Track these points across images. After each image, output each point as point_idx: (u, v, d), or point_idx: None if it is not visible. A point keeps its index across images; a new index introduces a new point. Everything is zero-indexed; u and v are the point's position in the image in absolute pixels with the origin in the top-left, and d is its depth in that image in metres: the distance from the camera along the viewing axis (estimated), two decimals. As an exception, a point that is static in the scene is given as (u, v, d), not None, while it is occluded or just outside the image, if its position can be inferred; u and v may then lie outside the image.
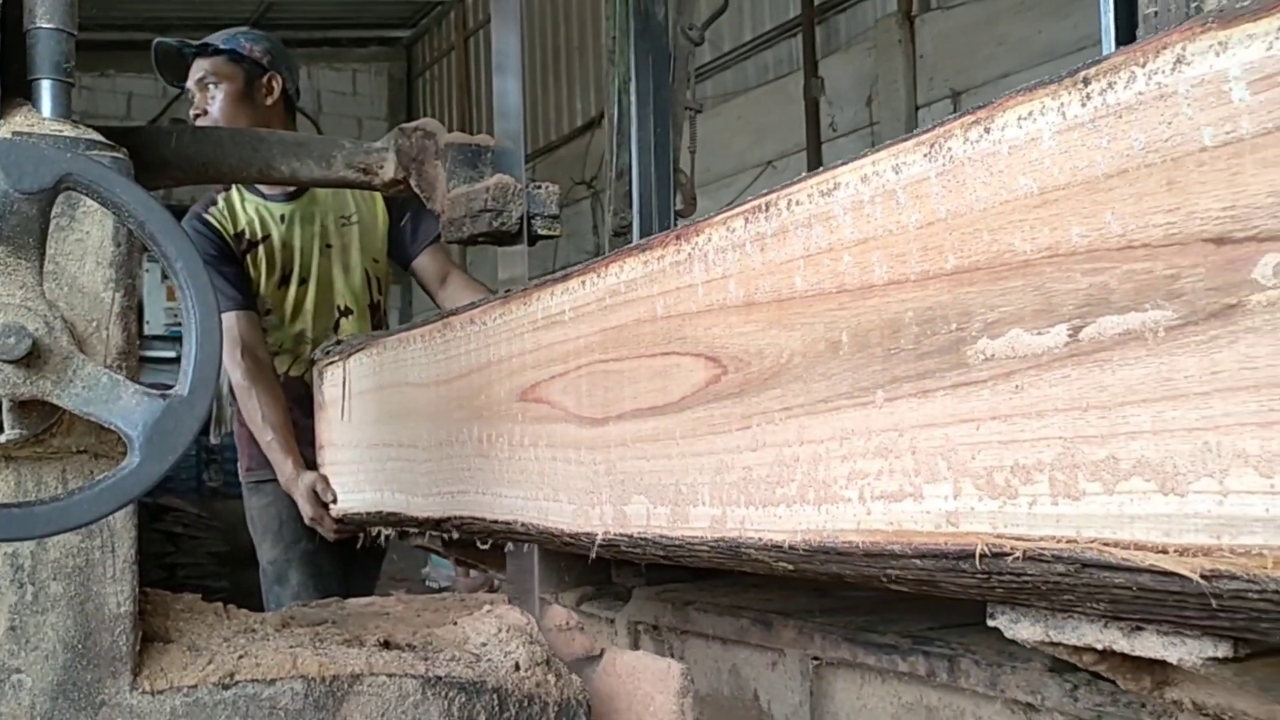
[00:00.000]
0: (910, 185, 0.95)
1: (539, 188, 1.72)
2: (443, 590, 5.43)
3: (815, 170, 1.06)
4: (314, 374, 2.52)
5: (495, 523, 1.68)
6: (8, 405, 1.04)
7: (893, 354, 0.97)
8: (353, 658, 1.23)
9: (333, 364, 2.36)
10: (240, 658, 1.19)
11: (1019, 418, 0.86)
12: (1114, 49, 1.01)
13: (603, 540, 1.39)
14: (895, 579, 1.03)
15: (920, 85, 6.31)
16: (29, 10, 1.19)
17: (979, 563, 0.89)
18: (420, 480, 1.91)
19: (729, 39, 7.65)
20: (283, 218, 2.85)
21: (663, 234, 1.29)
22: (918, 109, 6.27)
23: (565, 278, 1.45)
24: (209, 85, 2.80)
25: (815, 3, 6.92)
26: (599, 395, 1.39)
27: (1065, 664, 1.10)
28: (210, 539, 6.72)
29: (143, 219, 1.02)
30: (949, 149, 0.91)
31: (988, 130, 0.88)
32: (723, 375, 1.18)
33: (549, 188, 1.74)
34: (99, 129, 1.22)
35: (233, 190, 2.85)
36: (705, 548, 1.22)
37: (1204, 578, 0.74)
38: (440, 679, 1.23)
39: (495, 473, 1.65)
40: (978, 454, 0.89)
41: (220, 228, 2.79)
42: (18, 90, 1.20)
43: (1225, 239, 0.72)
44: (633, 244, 1.35)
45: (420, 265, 2.99)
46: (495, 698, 1.24)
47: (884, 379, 0.98)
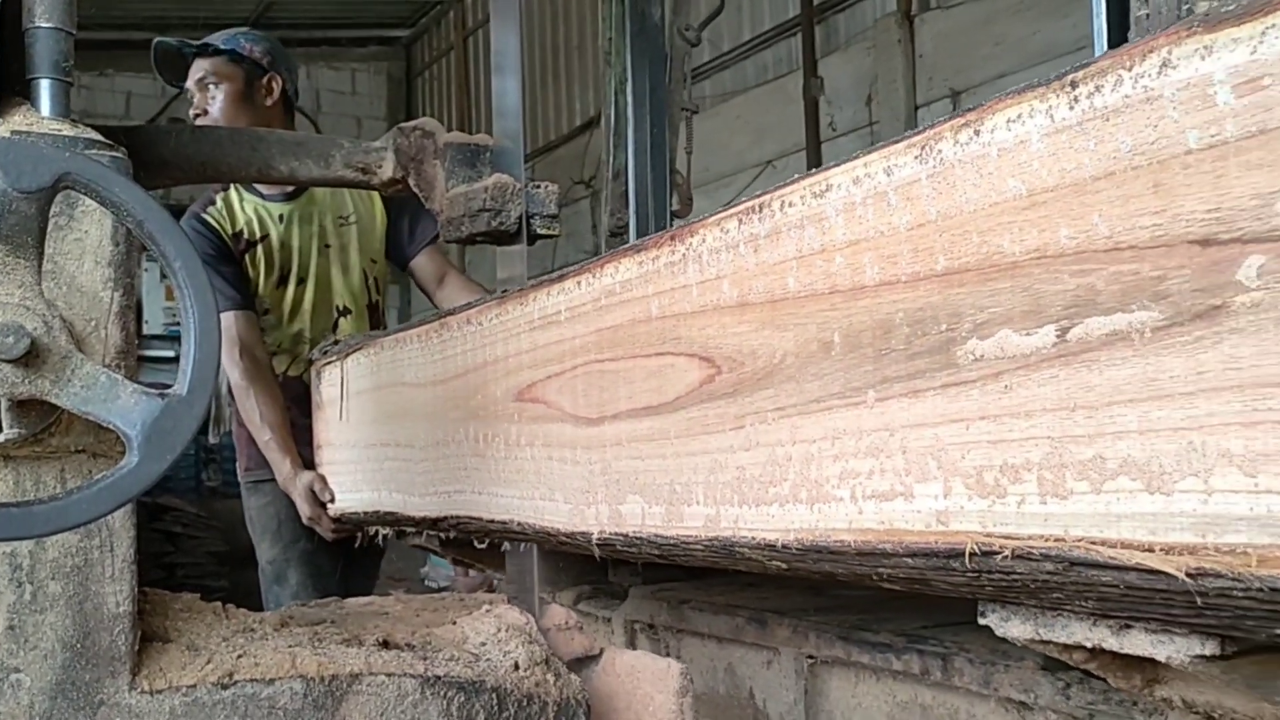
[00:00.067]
0: (901, 187, 0.96)
1: (538, 187, 1.72)
2: (442, 590, 5.43)
3: (808, 172, 1.07)
4: (312, 374, 2.53)
5: (491, 522, 1.68)
6: (6, 405, 1.03)
7: (884, 354, 0.98)
8: (351, 657, 1.22)
9: (330, 364, 2.37)
10: (239, 657, 1.19)
11: (1008, 417, 0.87)
12: (1106, 50, 1.01)
13: (598, 539, 1.40)
14: (887, 578, 1.04)
15: (919, 85, 6.31)
16: (28, 9, 1.19)
17: (969, 561, 0.89)
18: (417, 480, 1.91)
19: (728, 38, 7.66)
20: (281, 217, 2.85)
21: (657, 235, 1.30)
22: (917, 109, 6.28)
23: (561, 278, 1.46)
24: (209, 85, 2.80)
25: (814, 2, 6.92)
26: (594, 395, 1.40)
27: (1058, 662, 1.11)
28: (209, 538, 6.72)
29: (141, 218, 1.02)
30: (939, 151, 0.92)
31: (977, 133, 0.89)
32: (717, 375, 1.19)
33: (548, 187, 1.73)
34: (98, 128, 1.22)
35: (231, 190, 2.85)
36: (700, 547, 1.23)
37: (1189, 576, 0.74)
38: (439, 678, 1.23)
39: (491, 472, 1.66)
40: (967, 453, 0.90)
41: (218, 227, 2.79)
42: (16, 89, 1.20)
43: (1210, 241, 0.73)
44: (628, 245, 1.36)
45: (418, 266, 2.99)
46: (494, 697, 1.24)
47: (875, 379, 0.99)
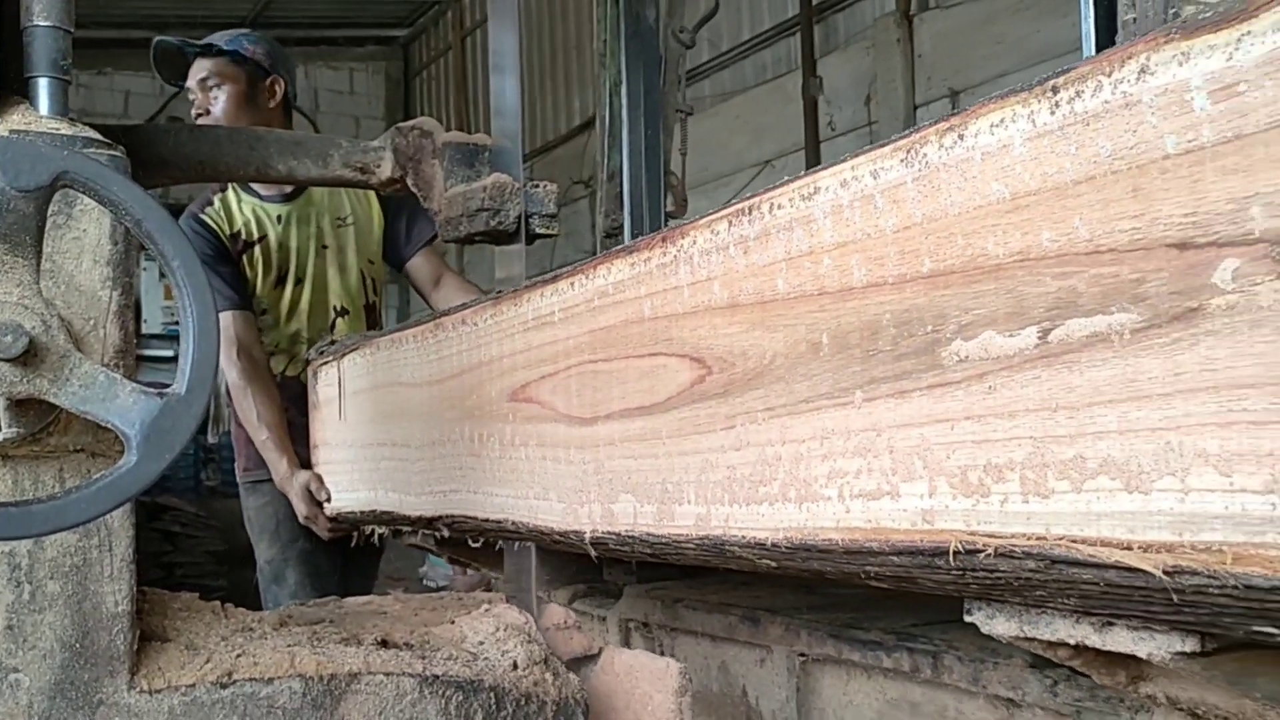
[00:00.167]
0: (888, 190, 0.97)
1: (536, 186, 1.72)
2: (440, 589, 5.43)
3: (796, 174, 1.08)
4: (308, 374, 2.54)
5: (486, 521, 1.70)
6: (4, 404, 1.04)
7: (871, 355, 0.99)
8: (350, 656, 1.22)
9: (327, 364, 2.38)
10: (238, 656, 1.19)
11: (991, 418, 0.88)
12: (1095, 53, 1.03)
13: (591, 538, 1.41)
14: (874, 576, 1.05)
15: (918, 84, 6.33)
16: (26, 8, 1.18)
17: (953, 559, 0.91)
18: (413, 479, 1.92)
19: (727, 38, 7.67)
20: (279, 218, 2.86)
21: (649, 236, 1.31)
22: (916, 108, 6.29)
23: (555, 279, 1.47)
24: (211, 85, 2.80)
25: (814, 2, 6.93)
26: (588, 395, 1.41)
27: (1046, 660, 1.12)
28: (208, 538, 6.72)
29: (140, 217, 1.01)
30: (924, 155, 0.93)
31: (961, 137, 0.90)
32: (708, 376, 1.20)
33: (547, 186, 1.73)
34: (96, 127, 1.21)
35: (229, 191, 2.86)
36: (691, 545, 1.24)
37: (1166, 573, 0.76)
38: (438, 678, 1.22)
39: (486, 472, 1.67)
40: (952, 453, 0.91)
41: (216, 228, 2.80)
42: (15, 88, 1.20)
43: (1187, 244, 0.74)
44: (620, 246, 1.37)
45: (414, 267, 3.00)
46: (492, 696, 1.24)
47: (863, 380, 1.00)
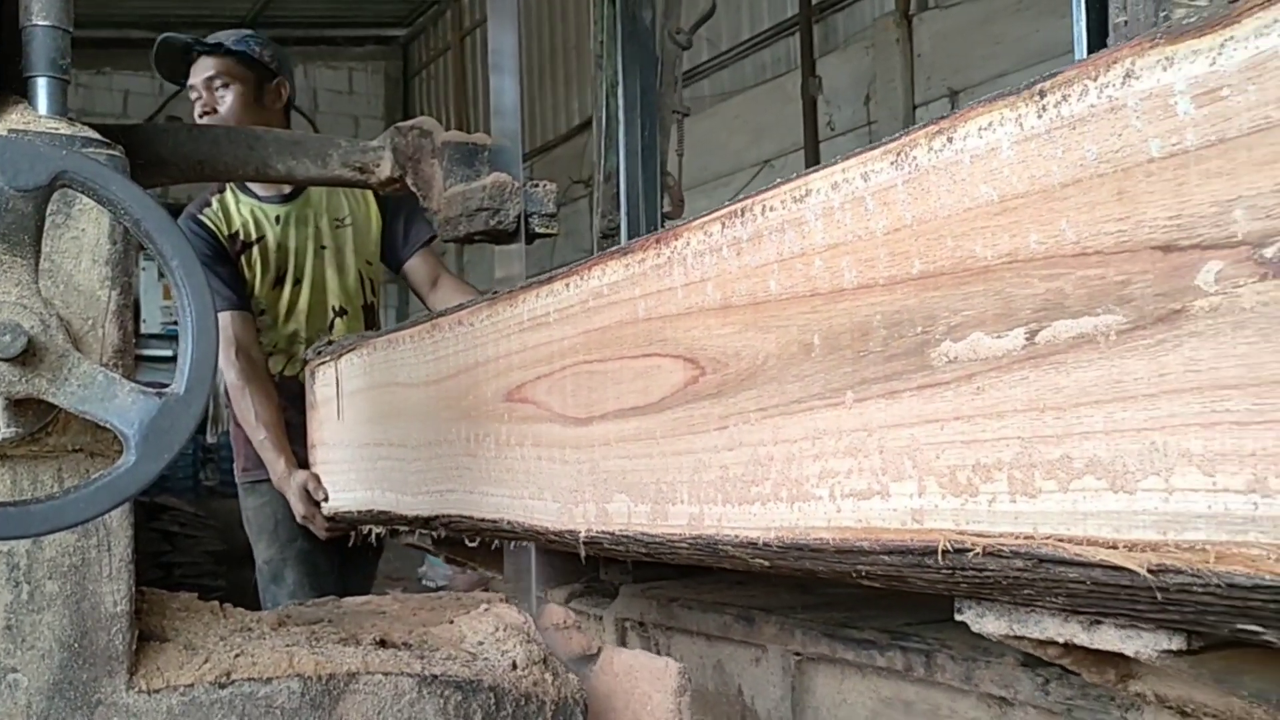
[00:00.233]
0: (878, 192, 0.98)
1: (536, 186, 1.72)
2: (439, 589, 5.44)
3: (788, 177, 1.09)
4: (306, 374, 2.54)
5: (482, 521, 1.71)
6: (3, 403, 1.03)
7: (862, 356, 1.00)
8: (349, 656, 1.22)
9: (324, 364, 2.39)
10: (237, 656, 1.18)
11: (980, 418, 0.89)
12: (1086, 56, 1.04)
13: (585, 538, 1.42)
14: (866, 575, 1.06)
15: (918, 84, 6.34)
16: (25, 7, 1.18)
17: (942, 558, 0.91)
18: (410, 479, 1.93)
19: (727, 38, 7.68)
20: (278, 219, 2.86)
21: (644, 238, 1.32)
22: (915, 108, 6.31)
23: (550, 280, 1.48)
24: (219, 85, 2.80)
25: (813, 2, 6.94)
26: (583, 395, 1.42)
27: (1037, 659, 1.13)
28: (207, 538, 6.72)
29: (138, 217, 1.01)
30: (914, 158, 0.94)
31: (950, 140, 0.91)
32: (701, 376, 1.21)
33: (546, 186, 1.73)
34: (95, 126, 1.21)
35: (227, 192, 2.86)
36: (684, 545, 1.25)
37: (1151, 572, 0.77)
38: (436, 677, 1.22)
39: (483, 472, 1.68)
40: (941, 453, 0.92)
41: (214, 228, 2.81)
42: (14, 88, 1.20)
43: (1171, 247, 0.75)
44: (615, 247, 1.38)
45: (411, 268, 3.01)
46: (491, 696, 1.24)
47: (854, 380, 1.01)
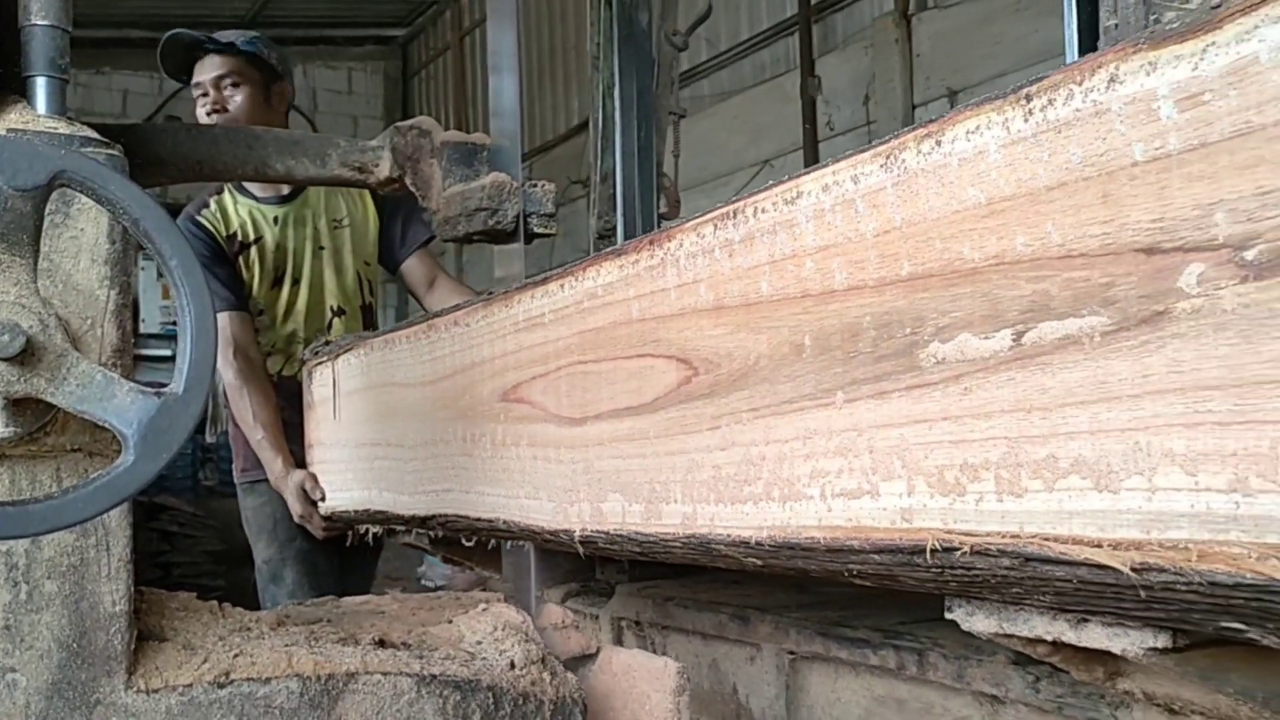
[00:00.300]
0: (868, 195, 0.99)
1: (535, 186, 1.73)
2: (438, 589, 5.44)
3: (780, 179, 1.10)
4: (304, 374, 2.55)
5: (478, 520, 1.71)
6: (1, 403, 1.04)
7: (852, 357, 1.01)
8: (348, 656, 1.23)
9: (321, 364, 2.39)
10: (235, 656, 1.19)
11: (968, 418, 0.90)
12: (1079, 59, 1.05)
13: (580, 537, 1.43)
14: (857, 573, 1.07)
15: (917, 84, 6.35)
16: (24, 7, 1.19)
17: (930, 557, 0.92)
18: (407, 479, 1.94)
19: (726, 38, 7.69)
20: (276, 220, 2.87)
21: (638, 239, 1.33)
22: (914, 108, 6.32)
23: (545, 281, 1.49)
24: (228, 84, 2.80)
25: (812, 2, 6.95)
26: (578, 396, 1.43)
27: (1028, 657, 1.13)
28: (206, 538, 6.72)
29: (137, 216, 1.01)
30: (903, 160, 0.95)
31: (939, 143, 0.92)
32: (694, 377, 1.22)
33: (545, 186, 1.74)
34: (94, 126, 1.22)
35: (225, 193, 2.87)
36: (677, 544, 1.26)
37: (1134, 570, 0.77)
38: (435, 677, 1.23)
39: (478, 471, 1.69)
40: (930, 453, 0.93)
41: (212, 229, 2.82)
42: (12, 87, 1.20)
43: (1155, 249, 0.76)
44: (609, 249, 1.39)
45: (408, 269, 3.01)
46: (490, 696, 1.24)
47: (844, 381, 1.02)
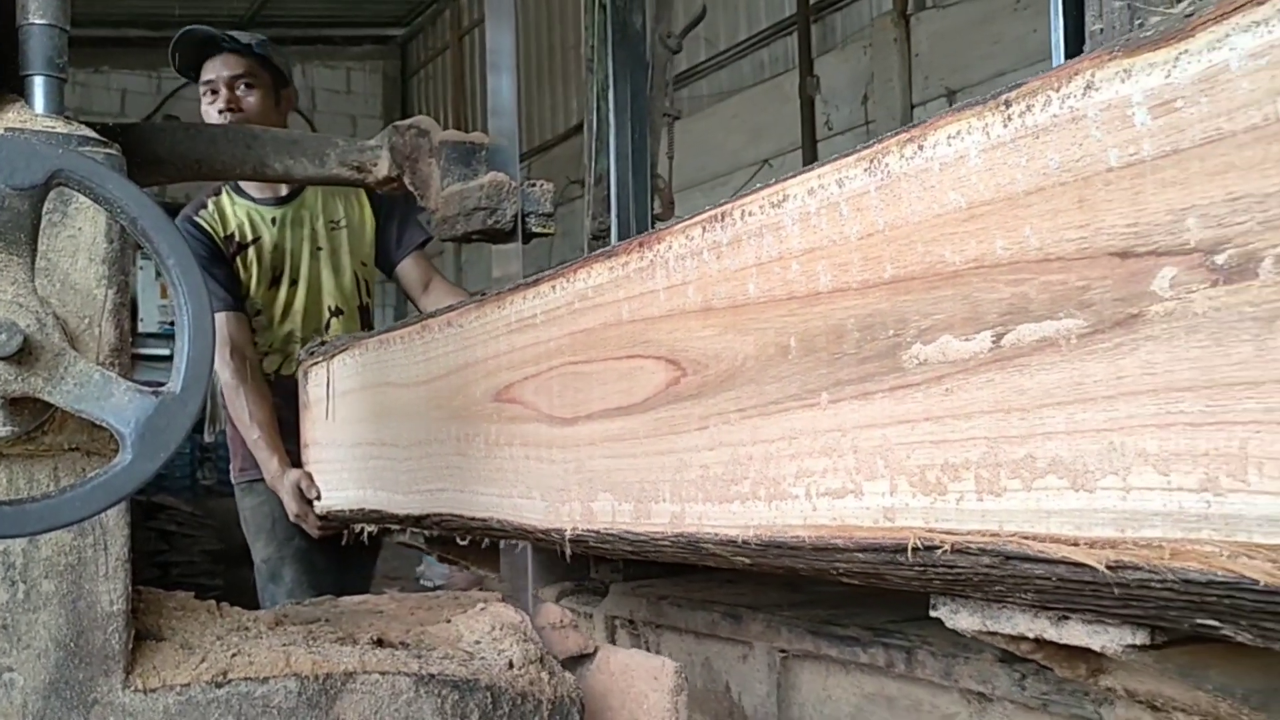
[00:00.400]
0: (852, 198, 1.00)
1: (533, 185, 1.73)
2: (437, 589, 5.45)
3: (766, 183, 1.11)
4: (300, 374, 2.56)
5: (472, 520, 1.73)
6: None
7: (837, 358, 1.02)
8: (346, 656, 1.23)
9: (317, 364, 2.41)
10: (233, 656, 1.19)
11: (949, 419, 0.91)
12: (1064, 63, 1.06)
13: (571, 536, 1.44)
14: (842, 572, 1.09)
15: (915, 84, 6.36)
16: (22, 6, 1.20)
17: (912, 555, 0.94)
18: (401, 478, 1.95)
19: (724, 38, 7.70)
20: (273, 221, 2.88)
21: (628, 241, 1.34)
22: (913, 108, 6.33)
23: (536, 282, 1.50)
24: (244, 85, 2.81)
25: (811, 1, 6.96)
26: (569, 396, 1.44)
27: (1015, 655, 1.15)
28: (204, 537, 6.73)
29: (135, 215, 1.02)
30: (886, 165, 0.97)
31: (921, 148, 0.93)
32: (682, 377, 1.23)
33: (543, 185, 1.75)
34: (92, 125, 1.22)
35: (222, 194, 2.88)
36: (667, 543, 1.27)
37: (1110, 569, 0.79)
38: (433, 677, 1.23)
39: (472, 471, 1.70)
40: (912, 453, 0.95)
41: (210, 230, 2.83)
42: (10, 86, 1.21)
43: (1129, 253, 0.78)
44: (599, 250, 1.40)
45: (404, 271, 3.02)
46: (488, 695, 1.25)
47: (829, 381, 1.03)
